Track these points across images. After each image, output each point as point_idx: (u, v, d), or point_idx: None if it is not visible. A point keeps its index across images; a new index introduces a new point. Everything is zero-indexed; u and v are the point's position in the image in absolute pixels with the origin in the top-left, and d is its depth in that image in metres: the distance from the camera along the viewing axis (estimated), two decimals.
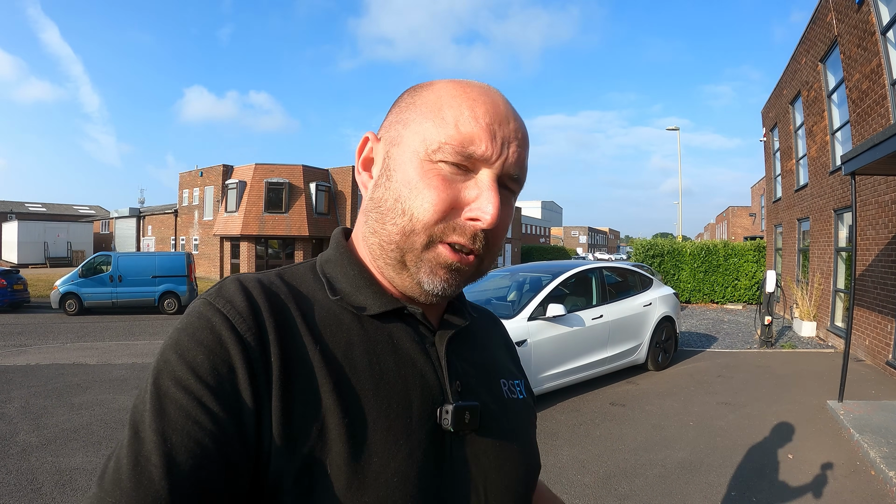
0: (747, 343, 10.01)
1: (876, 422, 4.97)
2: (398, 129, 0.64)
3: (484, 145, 0.60)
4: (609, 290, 7.06)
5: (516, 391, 0.76)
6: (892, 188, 7.08)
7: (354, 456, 0.55)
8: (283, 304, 0.60)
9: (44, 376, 7.02)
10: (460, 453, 0.63)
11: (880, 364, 7.36)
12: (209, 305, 0.57)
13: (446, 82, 0.65)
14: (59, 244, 36.19)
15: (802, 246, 12.55)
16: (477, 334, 0.77)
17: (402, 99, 0.67)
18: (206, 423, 0.51)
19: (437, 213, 0.59)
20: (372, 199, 0.65)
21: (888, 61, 7.09)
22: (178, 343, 0.54)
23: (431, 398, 0.62)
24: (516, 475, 0.68)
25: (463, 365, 0.69)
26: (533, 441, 0.75)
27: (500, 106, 0.63)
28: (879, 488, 3.86)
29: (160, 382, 0.52)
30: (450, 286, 0.62)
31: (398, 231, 0.61)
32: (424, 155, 0.60)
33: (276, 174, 27.00)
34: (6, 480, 3.86)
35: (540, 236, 74.99)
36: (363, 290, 0.65)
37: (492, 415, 0.67)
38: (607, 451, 4.61)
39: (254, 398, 0.54)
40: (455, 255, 0.61)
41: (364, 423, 0.57)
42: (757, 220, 32.48)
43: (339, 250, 0.69)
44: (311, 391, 0.56)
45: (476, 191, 0.60)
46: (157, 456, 0.48)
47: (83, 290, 14.19)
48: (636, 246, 18.16)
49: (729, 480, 4.00)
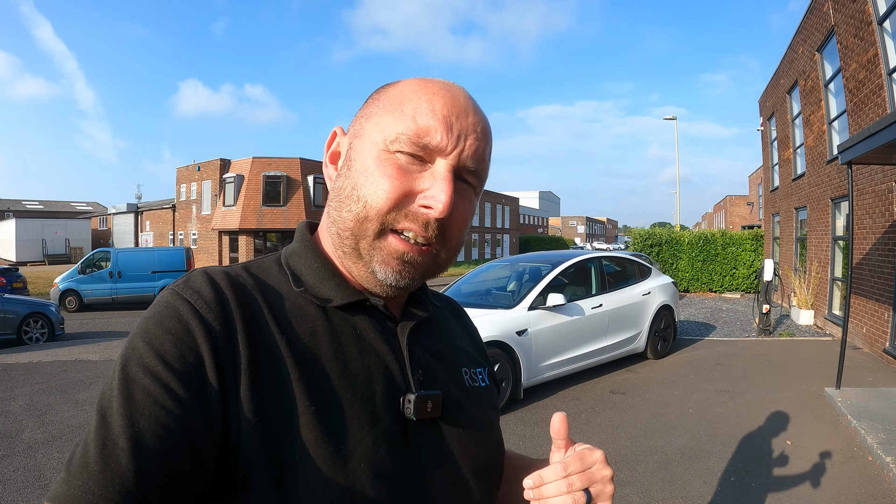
0: (745, 331, 10.08)
1: (873, 408, 5.03)
2: (361, 123, 0.66)
3: (439, 136, 0.61)
4: (608, 280, 7.10)
5: (478, 379, 0.77)
6: (888, 177, 7.11)
7: (323, 443, 0.56)
8: (250, 296, 0.61)
9: (47, 373, 7.06)
10: (424, 440, 0.64)
11: (877, 352, 7.42)
12: (177, 295, 0.58)
13: (411, 80, 0.66)
14: (58, 241, 36.08)
15: (800, 235, 12.59)
16: (439, 324, 0.78)
17: (371, 96, 0.69)
18: (173, 408, 0.51)
19: (389, 199, 0.60)
20: (333, 189, 0.67)
21: (884, 51, 7.10)
22: (145, 331, 0.55)
23: (394, 387, 0.64)
24: (480, 459, 0.70)
25: (425, 355, 0.70)
26: (495, 426, 0.77)
27: (459, 100, 0.64)
28: (877, 473, 3.92)
29: (128, 369, 0.53)
30: (403, 278, 0.63)
31: (353, 218, 0.62)
32: (383, 145, 0.62)
33: (273, 167, 26.92)
34: (13, 477, 3.90)
35: (538, 226, 75.02)
36: (326, 282, 0.66)
37: (454, 402, 0.69)
38: (608, 439, 4.66)
39: (220, 385, 0.54)
40: (405, 244, 0.62)
41: (330, 411, 0.58)
42: (755, 209, 32.52)
43: (303, 243, 0.70)
44: (278, 380, 0.57)
45: (431, 181, 0.61)
46: (125, 440, 0.49)
47: (83, 286, 14.23)
48: (634, 235, 18.18)
49: (728, 466, 4.06)
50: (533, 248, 50.87)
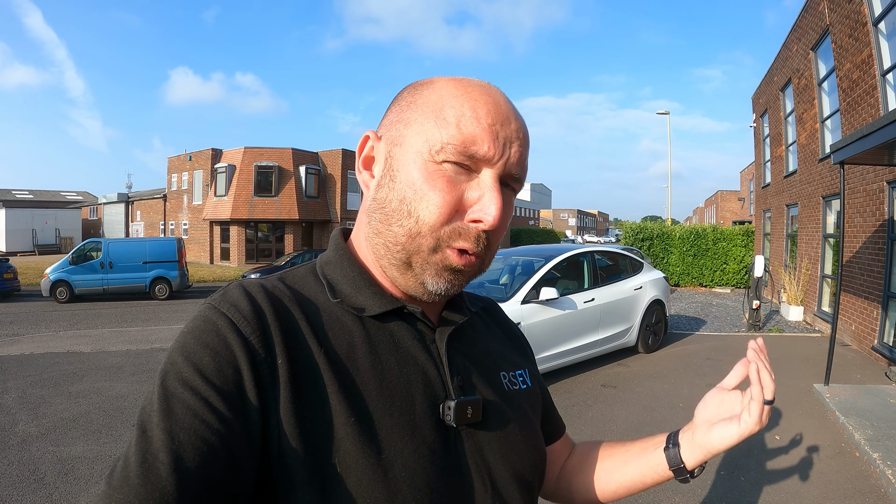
0: (736, 327, 10.17)
1: (861, 405, 5.11)
2: (399, 129, 0.64)
3: (486, 146, 0.60)
4: (600, 274, 7.14)
5: (518, 381, 0.77)
6: (880, 177, 7.18)
7: (363, 454, 0.56)
8: (287, 308, 0.62)
9: (39, 365, 7.02)
10: (464, 447, 0.64)
11: (866, 349, 7.52)
12: (214, 310, 0.58)
13: (447, 80, 0.65)
14: (48, 231, 35.71)
15: (791, 231, 12.70)
16: (477, 328, 0.78)
17: (403, 97, 0.67)
18: (213, 422, 0.52)
19: (442, 215, 0.60)
20: (375, 200, 0.65)
21: (879, 52, 7.14)
22: (184, 346, 0.56)
23: (433, 395, 0.64)
24: (521, 464, 0.70)
25: (463, 360, 0.70)
26: (536, 429, 0.77)
27: (501, 106, 0.63)
28: (864, 469, 3.99)
29: (167, 384, 0.53)
30: (453, 286, 0.64)
31: (405, 233, 0.61)
32: (428, 156, 0.61)
33: (265, 158, 26.73)
34: (8, 471, 3.88)
35: (529, 219, 75.07)
36: (363, 290, 0.66)
37: (494, 408, 0.69)
38: (599, 432, 4.71)
39: (259, 398, 0.55)
40: (461, 258, 0.62)
41: (370, 421, 0.58)
42: (746, 204, 32.70)
43: (338, 252, 0.70)
44: (317, 392, 0.57)
45: (479, 192, 0.61)
46: (165, 453, 0.49)
47: (74, 277, 14.08)
48: (626, 229, 18.25)
49: (718, 460, 4.10)
50: (524, 241, 50.92)
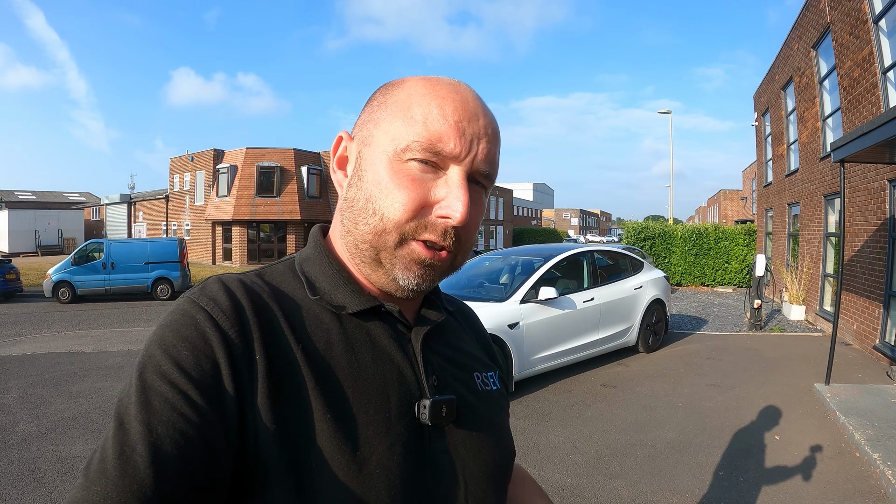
0: (737, 326, 10.16)
1: (861, 405, 5.09)
2: (369, 129, 0.65)
3: (452, 143, 0.61)
4: (600, 273, 7.14)
5: (489, 383, 0.78)
6: (881, 175, 7.16)
7: (338, 450, 0.57)
8: (266, 304, 0.62)
9: (40, 365, 7.04)
10: (439, 445, 0.65)
11: (867, 348, 7.50)
12: (193, 304, 0.59)
13: (417, 80, 0.65)
14: (50, 232, 35.81)
15: (792, 230, 12.66)
16: (452, 328, 0.79)
17: (375, 98, 0.68)
18: (191, 414, 0.52)
19: (407, 212, 0.60)
20: (346, 199, 0.66)
21: (880, 50, 7.12)
22: (162, 339, 0.56)
23: (409, 393, 0.64)
24: (493, 462, 0.71)
25: (438, 360, 0.71)
26: (507, 429, 0.78)
27: (469, 103, 0.63)
28: (864, 469, 3.98)
29: (145, 376, 0.53)
30: (424, 281, 0.64)
31: (370, 230, 0.62)
32: (394, 154, 0.61)
33: (267, 158, 26.80)
34: (8, 470, 3.90)
35: (531, 218, 74.94)
36: (341, 288, 0.67)
37: (468, 407, 0.70)
38: (598, 432, 4.71)
39: (237, 392, 0.55)
40: (428, 251, 0.62)
41: (346, 418, 0.59)
42: (748, 203, 32.61)
43: (317, 249, 0.71)
44: (295, 388, 0.58)
45: (446, 189, 0.61)
46: (143, 446, 0.49)
47: (76, 277, 14.12)
48: (627, 228, 18.25)
49: (717, 460, 4.11)
50: (527, 240, 50.93)
